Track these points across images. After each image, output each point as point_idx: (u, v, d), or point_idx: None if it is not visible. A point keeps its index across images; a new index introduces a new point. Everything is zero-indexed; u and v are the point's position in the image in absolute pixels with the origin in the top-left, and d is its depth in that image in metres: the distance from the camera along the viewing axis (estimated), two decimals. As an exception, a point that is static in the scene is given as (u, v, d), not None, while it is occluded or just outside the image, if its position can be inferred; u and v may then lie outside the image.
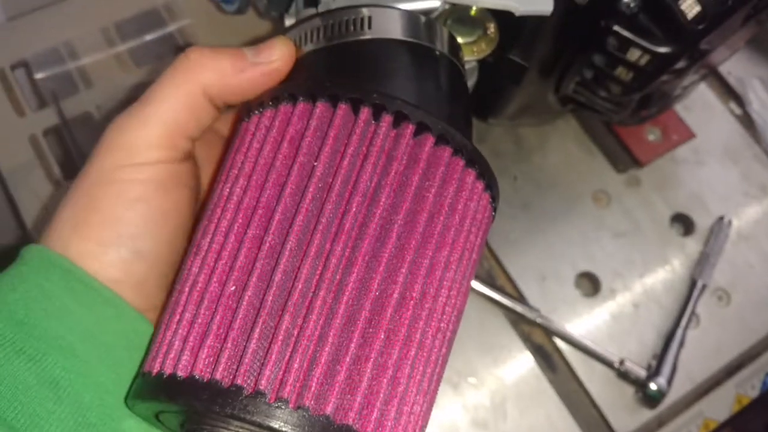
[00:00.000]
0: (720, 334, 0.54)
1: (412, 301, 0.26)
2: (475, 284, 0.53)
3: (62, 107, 0.55)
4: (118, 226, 0.27)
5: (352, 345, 0.24)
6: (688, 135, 0.61)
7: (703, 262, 0.55)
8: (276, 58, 0.30)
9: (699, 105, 0.62)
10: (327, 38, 0.31)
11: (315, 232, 0.25)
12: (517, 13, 0.34)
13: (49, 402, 0.25)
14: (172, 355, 0.25)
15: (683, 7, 0.42)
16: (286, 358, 0.24)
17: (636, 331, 0.54)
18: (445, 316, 0.27)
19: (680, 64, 0.44)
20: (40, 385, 0.25)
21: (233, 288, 0.25)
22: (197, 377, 0.24)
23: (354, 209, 0.26)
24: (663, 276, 0.56)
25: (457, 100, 0.31)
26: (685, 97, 0.57)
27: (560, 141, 0.59)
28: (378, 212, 0.26)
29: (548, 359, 0.53)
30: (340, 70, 0.30)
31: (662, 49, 0.42)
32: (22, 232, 0.53)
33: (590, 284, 0.56)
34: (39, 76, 0.57)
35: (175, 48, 0.58)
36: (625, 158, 0.59)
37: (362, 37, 0.30)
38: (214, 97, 0.30)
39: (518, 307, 0.53)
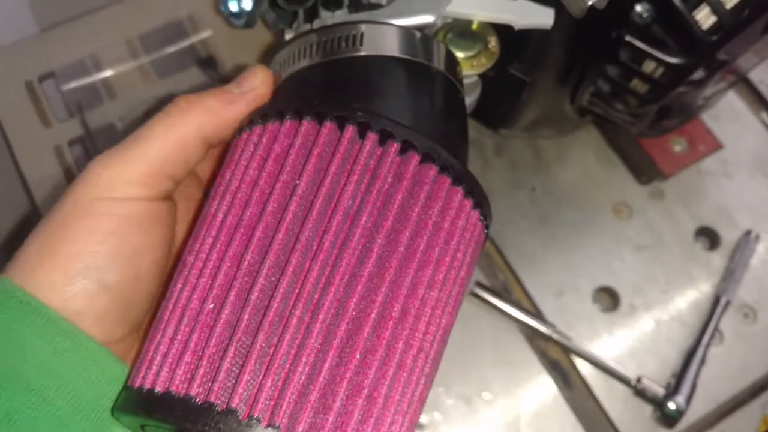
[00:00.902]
0: (745, 353, 0.53)
1: (391, 321, 0.25)
2: (490, 298, 0.52)
3: (87, 118, 0.57)
4: (86, 258, 0.27)
5: (327, 364, 0.24)
6: (716, 146, 0.59)
7: (727, 278, 0.54)
8: (258, 84, 0.31)
9: (728, 114, 0.60)
10: (321, 54, 0.31)
11: (294, 251, 0.25)
12: (517, 27, 0.33)
13: None
14: (152, 371, 0.25)
15: (698, 17, 0.41)
16: (260, 376, 0.24)
17: (656, 349, 0.52)
18: (428, 336, 0.27)
19: (697, 76, 0.43)
20: None
21: (212, 306, 0.25)
22: (173, 393, 0.24)
23: (334, 228, 0.26)
24: (686, 291, 0.54)
25: (451, 117, 0.31)
26: (712, 107, 0.56)
27: (581, 152, 0.58)
28: (359, 231, 0.26)
29: (564, 376, 0.52)
30: (331, 86, 0.30)
31: (676, 60, 0.41)
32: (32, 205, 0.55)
33: (609, 299, 0.54)
34: (66, 87, 0.58)
35: (198, 60, 0.59)
36: (649, 169, 0.58)
37: (355, 54, 0.30)
38: (210, 136, 0.30)
39: (534, 322, 0.52)
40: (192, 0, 0.60)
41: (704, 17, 0.41)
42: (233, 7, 0.41)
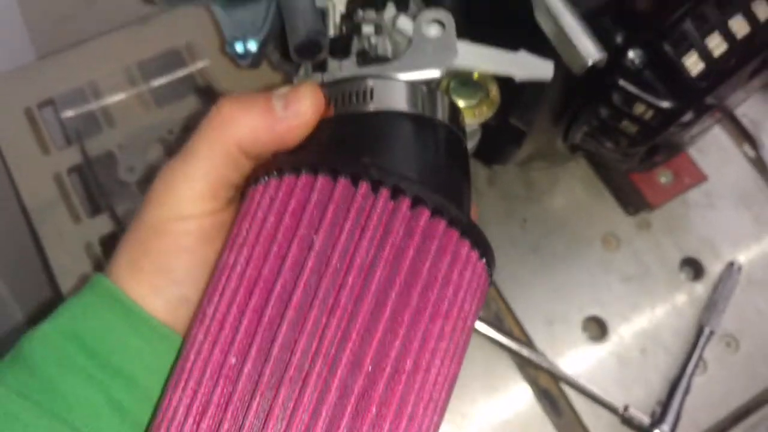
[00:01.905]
0: (727, 381, 0.55)
1: (404, 374, 0.27)
2: (482, 327, 0.54)
3: (86, 146, 0.57)
4: (166, 273, 0.30)
5: (345, 419, 0.25)
6: (700, 178, 0.61)
7: (711, 309, 0.56)
8: (304, 111, 0.30)
9: (712, 147, 0.62)
10: (333, 108, 0.32)
11: (312, 307, 0.26)
12: (518, 79, 0.35)
13: (115, 422, 0.28)
14: (176, 423, 0.26)
15: (687, 63, 0.42)
16: (282, 429, 0.25)
17: (643, 377, 0.54)
18: (437, 386, 0.28)
19: (686, 118, 0.44)
20: (108, 407, 0.28)
21: (234, 360, 0.26)
22: (197, 447, 0.25)
23: (350, 283, 0.27)
24: (671, 321, 0.56)
25: (456, 168, 0.32)
26: (698, 141, 0.57)
27: (570, 183, 0.60)
28: (373, 286, 0.27)
29: (554, 403, 0.53)
30: (344, 141, 0.31)
31: (667, 105, 0.43)
32: (45, 267, 0.55)
33: (598, 328, 0.56)
34: (65, 115, 0.59)
35: (196, 89, 0.60)
36: (636, 200, 0.60)
37: (365, 109, 0.31)
38: (248, 151, 0.31)
39: (525, 351, 0.53)
40: (190, 29, 0.61)
41: (693, 63, 0.42)
42: (239, 48, 0.42)
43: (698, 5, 0.41)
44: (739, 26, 0.42)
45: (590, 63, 0.32)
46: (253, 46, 0.42)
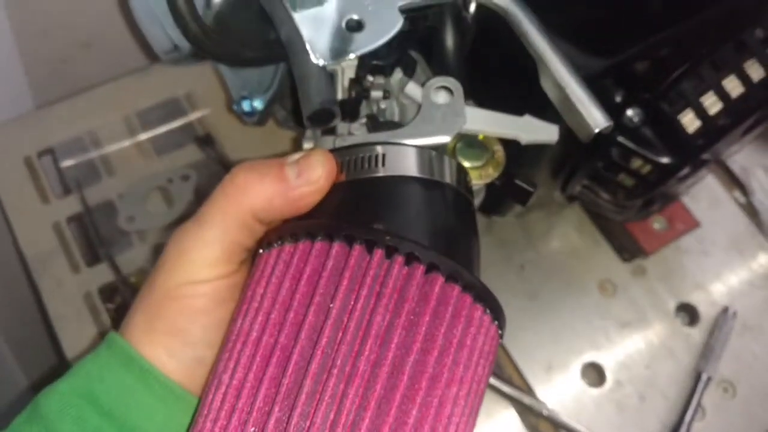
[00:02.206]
0: (726, 427, 0.55)
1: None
2: (483, 374, 0.54)
3: (85, 195, 0.58)
4: (181, 335, 0.31)
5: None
6: (693, 224, 0.62)
7: (707, 354, 0.56)
8: (317, 178, 0.31)
9: (704, 194, 0.64)
10: (345, 173, 0.33)
11: (330, 375, 0.27)
12: (523, 143, 0.35)
13: None
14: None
15: (684, 121, 0.44)
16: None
17: (642, 424, 0.55)
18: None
19: (683, 173, 0.46)
20: None
21: (253, 430, 0.26)
22: None
23: (367, 351, 0.27)
24: (668, 367, 0.57)
25: (465, 230, 0.33)
26: (692, 189, 0.59)
27: (566, 230, 0.61)
28: (390, 354, 0.27)
29: (555, 451, 0.53)
30: (356, 206, 0.32)
31: (664, 160, 0.44)
32: (44, 319, 0.55)
33: (596, 374, 0.56)
34: (64, 164, 0.59)
35: (195, 137, 0.61)
36: (631, 247, 0.61)
37: (377, 175, 0.32)
38: (262, 218, 0.31)
39: (526, 400, 0.54)
40: (190, 79, 0.62)
41: (689, 122, 0.43)
42: (246, 106, 0.43)
43: (695, 67, 0.42)
44: (734, 86, 0.43)
45: (597, 131, 0.32)
46: (259, 104, 0.42)
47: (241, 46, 0.33)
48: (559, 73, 0.33)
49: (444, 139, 0.34)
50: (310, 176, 0.31)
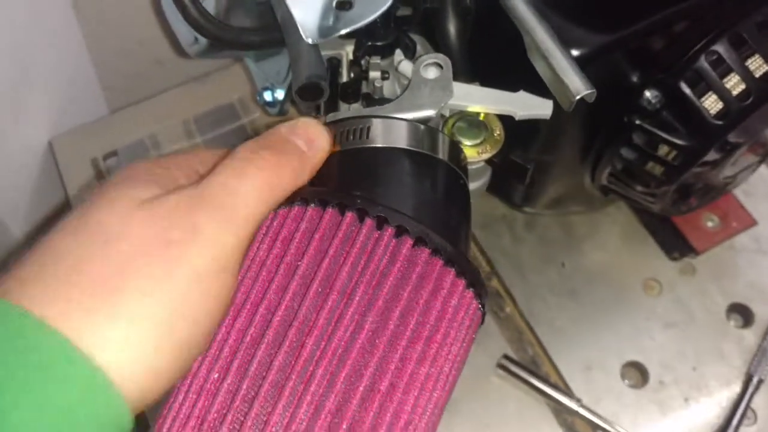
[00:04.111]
0: (780, 434, 0.52)
1: (379, 394, 0.28)
2: (519, 371, 0.53)
3: (144, 193, 0.62)
4: None
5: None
6: (750, 222, 0.59)
7: (760, 356, 0.53)
8: (324, 144, 0.32)
9: (762, 190, 0.61)
10: (339, 144, 0.34)
11: (291, 327, 0.28)
12: (517, 117, 0.36)
13: None
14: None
15: (706, 103, 0.42)
16: (254, 442, 0.26)
17: (686, 426, 0.52)
18: (417, 409, 0.29)
19: (711, 157, 0.44)
20: None
21: (216, 376, 0.28)
22: (177, 456, 0.26)
23: (329, 305, 0.28)
24: (717, 370, 0.54)
25: (451, 202, 0.34)
26: (742, 183, 0.56)
27: (611, 228, 0.59)
28: (352, 309, 0.28)
29: (590, 451, 0.52)
30: (342, 175, 0.33)
31: (687, 144, 0.43)
32: None
33: (638, 375, 0.54)
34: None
35: (246, 139, 0.64)
36: (680, 246, 0.58)
37: (365, 145, 0.33)
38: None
39: (561, 397, 0.52)
40: (241, 86, 0.65)
41: (712, 103, 0.42)
42: (267, 97, 0.45)
43: (713, 42, 0.41)
44: (758, 65, 0.41)
45: (577, 98, 0.32)
46: (280, 94, 0.45)
47: (240, 29, 0.36)
48: (543, 43, 0.33)
49: (430, 112, 0.34)
50: (320, 144, 0.32)
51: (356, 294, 0.29)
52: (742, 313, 0.56)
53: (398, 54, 0.39)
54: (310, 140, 0.32)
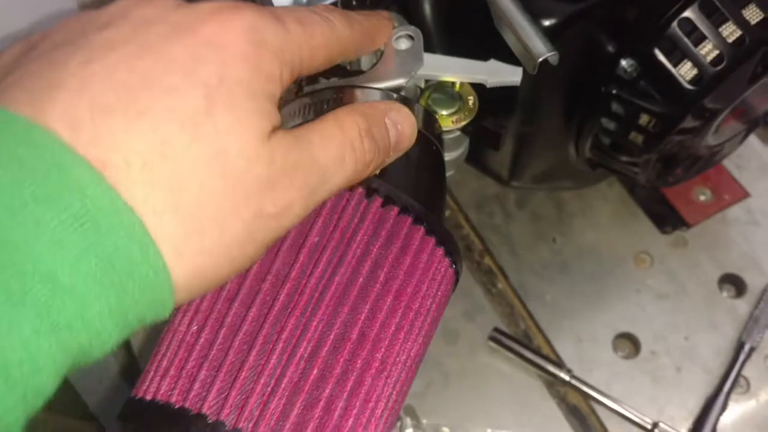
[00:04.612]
0: (772, 400, 0.52)
1: (349, 342, 0.29)
2: (511, 344, 0.54)
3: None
4: None
5: (287, 378, 0.28)
6: (742, 194, 0.60)
7: (752, 324, 0.54)
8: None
9: (754, 163, 0.61)
10: (314, 113, 0.35)
11: (264, 281, 0.29)
12: (488, 85, 0.37)
13: None
14: (145, 383, 0.29)
15: (682, 71, 0.43)
16: (228, 387, 0.27)
17: (678, 395, 0.53)
18: (388, 358, 0.30)
19: (689, 124, 0.45)
20: None
21: (195, 327, 0.29)
22: (157, 401, 0.28)
23: (301, 261, 0.30)
24: (709, 339, 0.55)
25: (423, 168, 0.35)
26: (729, 154, 0.57)
27: (602, 204, 0.60)
28: (322, 265, 0.30)
29: (583, 421, 0.53)
30: None
31: (664, 111, 0.44)
32: (128, 352, 0.59)
33: (630, 346, 0.55)
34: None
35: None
36: (672, 220, 0.59)
37: None
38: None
39: (551, 368, 0.53)
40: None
41: (687, 70, 0.43)
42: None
43: (684, 8, 0.42)
44: (730, 31, 0.42)
45: (539, 60, 0.33)
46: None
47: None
48: (507, 11, 0.34)
49: (400, 81, 0.36)
50: (403, 146, 0.32)
51: (327, 249, 0.30)
52: (735, 284, 0.57)
53: (374, 29, 0.40)
54: (400, 137, 0.32)
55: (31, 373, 0.20)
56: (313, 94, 0.36)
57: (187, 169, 0.23)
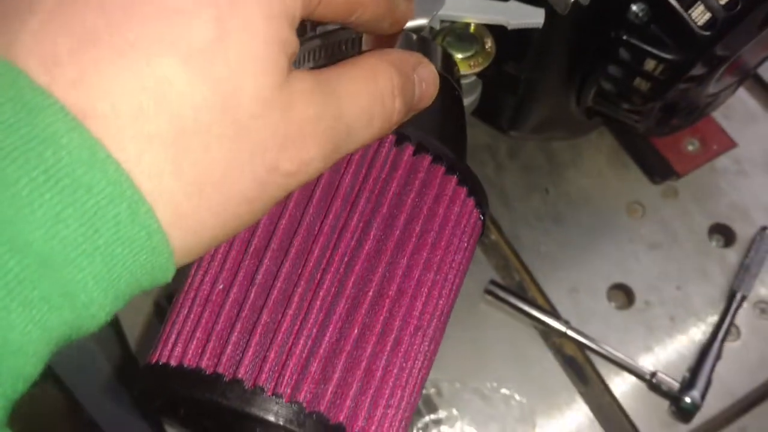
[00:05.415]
0: (762, 348, 0.53)
1: (387, 299, 0.27)
2: (506, 296, 0.53)
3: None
4: None
5: (326, 339, 0.26)
6: (730, 144, 0.60)
7: (743, 273, 0.54)
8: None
9: (741, 113, 0.61)
10: (325, 57, 0.33)
11: (296, 235, 0.27)
12: (509, 27, 0.35)
13: None
14: (168, 348, 0.27)
15: (694, 15, 0.42)
16: (264, 350, 0.25)
17: (672, 344, 0.53)
18: (425, 315, 0.29)
19: (697, 71, 0.44)
20: None
21: (221, 286, 0.27)
22: (185, 366, 0.26)
23: (333, 213, 0.28)
24: (701, 288, 0.55)
25: (448, 113, 0.33)
26: (720, 105, 0.56)
27: (594, 154, 0.59)
28: (356, 216, 0.28)
29: (579, 371, 0.53)
30: None
31: (674, 57, 0.43)
32: (125, 350, 0.55)
33: (624, 296, 0.55)
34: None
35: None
36: (662, 169, 0.59)
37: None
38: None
39: (548, 319, 0.53)
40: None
41: (699, 14, 0.42)
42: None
43: (700, -48, 0.41)
44: (745, -27, 0.41)
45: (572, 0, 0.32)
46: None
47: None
48: (537, -54, 0.32)
49: (422, 21, 0.34)
50: (424, 103, 0.29)
51: (360, 201, 0.28)
52: (724, 233, 0.57)
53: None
54: (423, 95, 0.28)
55: (6, 354, 0.17)
56: (326, 35, 0.33)
57: (190, 116, 0.19)
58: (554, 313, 0.54)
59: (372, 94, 0.25)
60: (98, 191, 0.18)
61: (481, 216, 0.32)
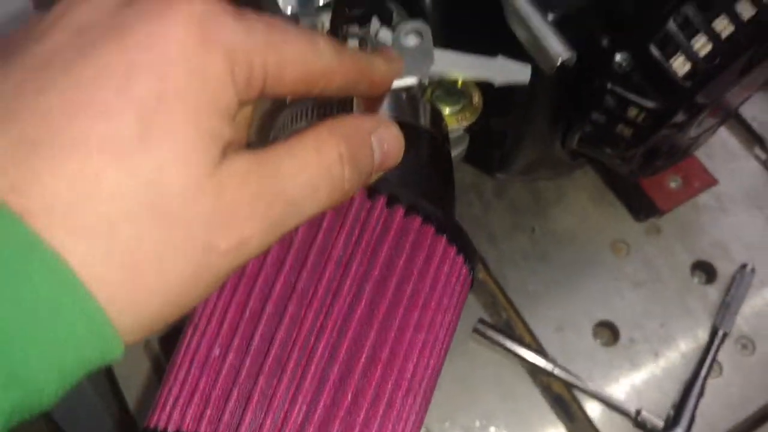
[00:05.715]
0: (744, 384, 0.54)
1: (380, 363, 0.28)
2: (494, 335, 0.54)
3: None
4: None
5: (321, 405, 0.26)
6: (711, 181, 0.61)
7: (724, 310, 0.55)
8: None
9: (722, 151, 0.62)
10: (318, 117, 0.34)
11: (290, 300, 0.28)
12: (497, 84, 0.36)
13: None
14: (165, 412, 0.28)
15: (674, 65, 0.43)
16: (261, 416, 0.26)
17: (656, 381, 0.54)
18: (416, 376, 0.29)
19: (679, 119, 0.45)
20: None
21: (218, 351, 0.28)
22: (183, 433, 0.26)
23: (327, 277, 0.28)
24: (684, 325, 0.56)
25: (436, 171, 0.34)
26: (702, 145, 0.58)
27: (578, 192, 0.60)
28: (349, 280, 0.28)
29: (567, 409, 0.53)
30: None
31: (656, 106, 0.44)
32: (122, 410, 0.54)
33: (609, 334, 0.56)
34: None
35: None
36: (645, 207, 0.60)
37: None
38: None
39: (536, 358, 0.54)
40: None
41: (680, 65, 0.43)
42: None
43: (681, 5, 0.42)
44: (723, 26, 0.42)
45: (558, 62, 0.33)
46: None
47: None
48: (522, 8, 0.33)
49: (412, 80, 0.34)
50: (390, 163, 0.28)
51: (352, 264, 0.29)
52: (706, 270, 0.58)
53: (375, 22, 0.38)
54: (386, 157, 0.28)
55: None
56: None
57: (118, 209, 0.20)
58: (541, 351, 0.54)
59: (317, 166, 0.25)
60: (35, 279, 0.19)
61: (470, 272, 0.33)
